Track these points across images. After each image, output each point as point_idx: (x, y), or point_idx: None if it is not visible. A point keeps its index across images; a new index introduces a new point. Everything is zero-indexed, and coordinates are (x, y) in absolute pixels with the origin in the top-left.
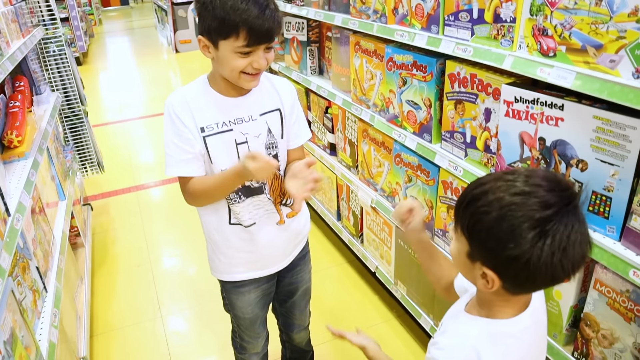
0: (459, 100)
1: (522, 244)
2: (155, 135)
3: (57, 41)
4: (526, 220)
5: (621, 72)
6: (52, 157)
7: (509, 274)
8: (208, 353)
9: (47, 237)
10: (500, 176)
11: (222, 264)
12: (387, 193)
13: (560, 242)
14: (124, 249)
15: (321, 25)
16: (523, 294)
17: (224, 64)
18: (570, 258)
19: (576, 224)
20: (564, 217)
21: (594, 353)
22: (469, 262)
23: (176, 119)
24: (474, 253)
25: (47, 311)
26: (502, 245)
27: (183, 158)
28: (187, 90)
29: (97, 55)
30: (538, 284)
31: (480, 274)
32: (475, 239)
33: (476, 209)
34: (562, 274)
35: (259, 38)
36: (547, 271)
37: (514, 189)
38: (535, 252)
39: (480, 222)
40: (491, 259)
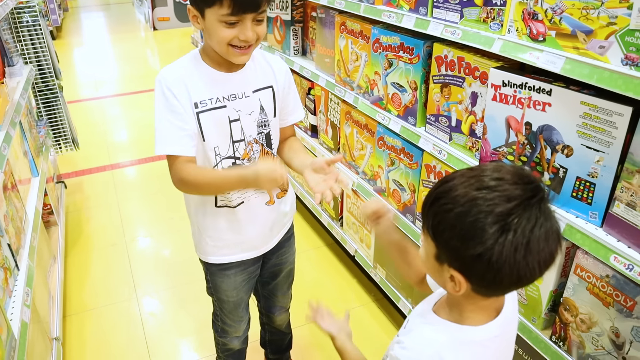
0: (445, 84)
1: (484, 240)
2: (132, 114)
3: (31, 11)
4: (488, 215)
5: (610, 59)
6: (25, 131)
7: (476, 275)
8: (184, 334)
9: (19, 214)
10: (465, 172)
11: (209, 246)
12: (368, 176)
13: (522, 237)
14: (98, 228)
15: (306, 5)
16: (493, 296)
17: (212, 35)
18: (535, 254)
19: (541, 218)
20: (526, 210)
21: (572, 337)
22: (437, 265)
23: (169, 93)
24: (441, 254)
25: (19, 290)
26: (465, 244)
27: (176, 135)
28: (180, 64)
29: (71, 30)
30: (505, 284)
31: (449, 277)
32: (440, 239)
33: (440, 207)
34: (527, 272)
35: (243, 6)
36: (511, 269)
37: (478, 184)
38: (498, 249)
39: (443, 221)
40: (456, 259)
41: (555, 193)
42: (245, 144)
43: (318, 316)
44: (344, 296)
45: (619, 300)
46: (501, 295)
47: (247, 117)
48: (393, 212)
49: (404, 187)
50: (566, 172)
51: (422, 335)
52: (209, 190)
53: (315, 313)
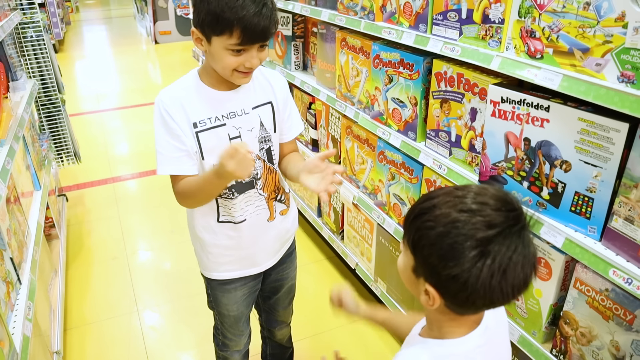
0: (445, 99)
1: (462, 263)
2: (133, 127)
3: (35, 26)
4: (468, 238)
5: (607, 76)
6: (28, 145)
7: (449, 293)
8: (185, 348)
9: (21, 227)
10: (450, 191)
11: (210, 262)
12: (369, 190)
13: (500, 264)
14: (99, 241)
15: (307, 21)
16: (467, 314)
17: (216, 60)
18: (510, 281)
19: (520, 247)
20: (507, 238)
21: (572, 350)
22: (414, 277)
23: (166, 115)
24: (418, 268)
25: (21, 304)
26: (443, 263)
27: (174, 156)
28: (178, 85)
29: (73, 43)
30: (478, 305)
31: (423, 290)
32: (419, 253)
33: (422, 223)
34: (500, 297)
35: (253, 37)
36: (485, 293)
37: (461, 206)
38: (475, 273)
39: (424, 237)
40: (432, 276)
41: (554, 207)
42: None
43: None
44: None
45: (619, 313)
46: (473, 314)
47: (247, 134)
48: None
49: (405, 201)
50: (565, 187)
51: (405, 355)
52: (201, 194)
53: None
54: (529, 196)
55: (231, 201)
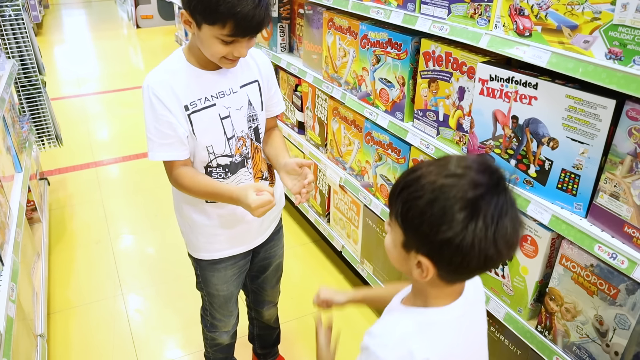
0: (433, 79)
1: (454, 225)
2: (115, 111)
3: (14, 5)
4: (457, 200)
5: (594, 53)
6: (8, 126)
7: (444, 260)
8: (171, 331)
9: (3, 209)
10: (433, 162)
11: (200, 243)
12: (356, 172)
13: (491, 220)
14: (82, 225)
15: (293, 2)
16: (458, 281)
17: (205, 46)
18: (502, 236)
19: (507, 204)
20: (494, 196)
21: (557, 326)
22: (404, 253)
23: (156, 100)
24: (409, 241)
25: (4, 285)
26: (435, 229)
27: (165, 142)
28: (165, 68)
29: (52, 27)
30: (472, 268)
31: (416, 264)
32: (408, 226)
33: (409, 194)
34: (495, 255)
35: (246, 31)
36: (480, 252)
37: (446, 172)
38: (468, 232)
39: (413, 208)
40: (425, 245)
41: (541, 185)
42: (236, 140)
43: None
44: None
45: (603, 288)
46: (466, 279)
47: (237, 113)
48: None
49: (392, 182)
50: (552, 165)
51: (388, 321)
52: (203, 196)
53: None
54: (516, 174)
55: (223, 181)
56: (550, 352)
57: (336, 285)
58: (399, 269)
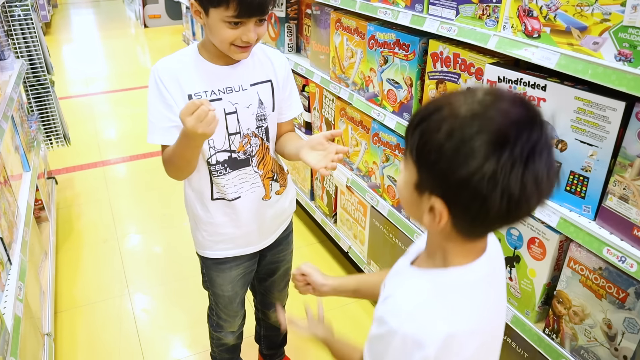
0: (441, 80)
1: (475, 157)
2: (123, 111)
3: (23, 5)
4: (482, 130)
5: (604, 55)
6: (17, 126)
7: (460, 204)
8: (177, 330)
9: (11, 208)
10: (457, 92)
11: (205, 240)
12: (363, 172)
13: (520, 155)
14: (89, 224)
15: (300, 2)
16: (475, 235)
17: (214, 33)
18: (533, 177)
19: (542, 139)
20: (526, 128)
21: (565, 329)
22: (416, 195)
23: (160, 84)
24: (422, 181)
25: (11, 284)
26: (453, 164)
27: (165, 126)
28: (175, 57)
29: (61, 26)
30: (492, 217)
31: (428, 208)
32: (423, 162)
33: (427, 126)
34: (522, 198)
35: (249, 10)
36: (503, 193)
37: (472, 99)
38: (490, 166)
39: (431, 140)
40: (441, 185)
41: None
42: (241, 137)
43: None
44: None
45: (612, 292)
46: (485, 233)
47: (244, 110)
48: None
49: None
50: (560, 167)
51: (404, 287)
52: (176, 159)
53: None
54: None
55: (223, 177)
56: (558, 355)
57: None
58: (408, 213)
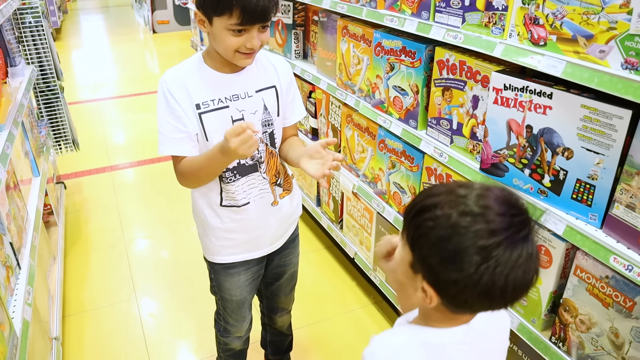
0: (447, 87)
1: (464, 268)
2: (131, 116)
3: (34, 12)
4: (471, 245)
5: (610, 63)
6: (27, 131)
7: (447, 295)
8: (184, 336)
9: (21, 213)
10: (453, 189)
11: (214, 246)
12: (369, 179)
13: (503, 271)
14: (97, 229)
15: (307, 9)
16: (462, 314)
17: (218, 41)
18: (512, 288)
19: (524, 253)
20: (510, 245)
21: (572, 338)
22: (411, 273)
23: (170, 96)
24: (416, 265)
25: (20, 288)
26: (443, 266)
27: (176, 137)
28: (182, 67)
29: (70, 32)
30: (475, 308)
31: (421, 287)
32: (417, 252)
33: (422, 221)
34: (501, 302)
35: (252, 17)
36: (485, 298)
37: (463, 207)
38: (475, 278)
39: (424, 237)
40: (431, 276)
41: (555, 195)
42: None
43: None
44: (344, 298)
45: (619, 300)
46: (470, 314)
47: (251, 117)
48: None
49: (405, 189)
50: (566, 175)
51: (383, 335)
52: (203, 172)
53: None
54: (530, 184)
55: (233, 184)
56: None
57: (348, 292)
58: (402, 281)
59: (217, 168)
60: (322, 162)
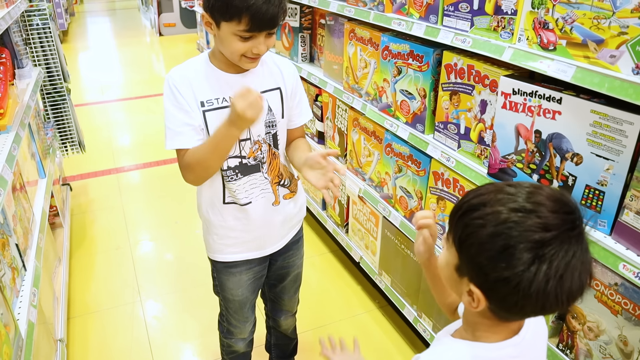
0: (455, 91)
1: (515, 265)
2: (137, 118)
3: (41, 14)
4: (523, 240)
5: (621, 68)
6: (34, 133)
7: (497, 296)
8: (188, 338)
9: (27, 214)
10: (502, 188)
11: (216, 244)
12: (375, 183)
13: (557, 270)
14: (103, 231)
15: (314, 12)
16: (511, 320)
17: (225, 45)
18: (567, 289)
19: (578, 252)
20: (565, 242)
21: (579, 345)
22: (457, 276)
23: (175, 90)
24: (463, 267)
25: (26, 290)
26: (492, 264)
27: (183, 130)
28: (188, 65)
29: (77, 34)
30: (527, 311)
31: (467, 291)
32: (465, 252)
33: (471, 220)
34: (554, 304)
35: (261, 25)
36: (538, 299)
37: (514, 204)
38: (528, 277)
39: (472, 236)
40: (479, 277)
41: None
42: (251, 143)
43: (329, 352)
44: (349, 303)
45: (628, 308)
46: (519, 319)
47: None
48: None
49: (411, 194)
50: (575, 180)
51: (435, 351)
52: (209, 156)
53: (326, 349)
54: None
55: (235, 182)
56: None
57: (354, 296)
58: (449, 288)
59: (225, 147)
60: (322, 173)
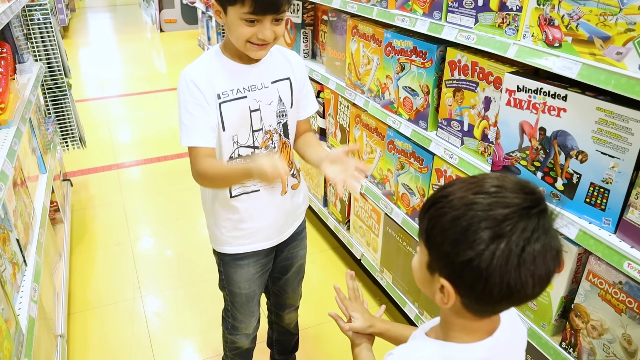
0: (458, 88)
1: (477, 244)
2: (138, 114)
3: (42, 9)
4: (482, 219)
5: (628, 65)
6: (34, 128)
7: (465, 284)
8: (189, 334)
9: (27, 209)
10: (466, 179)
11: (224, 236)
12: (377, 180)
13: (515, 246)
14: (103, 226)
15: (316, 8)
16: (484, 314)
17: (232, 31)
18: (529, 267)
19: (538, 231)
20: (523, 219)
21: (583, 344)
22: (428, 275)
23: (192, 86)
24: (432, 262)
25: (26, 285)
26: (456, 248)
27: (199, 127)
28: (201, 61)
29: (78, 30)
30: (495, 297)
31: (439, 287)
32: (432, 243)
33: (435, 211)
34: (519, 285)
35: (263, 7)
36: (501, 279)
37: (477, 189)
38: (487, 254)
39: (437, 225)
40: (447, 266)
41: (568, 198)
42: (263, 133)
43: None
44: None
45: (632, 307)
46: (491, 313)
47: (266, 107)
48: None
49: (414, 191)
50: (580, 178)
51: (407, 347)
52: (221, 182)
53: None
54: (543, 187)
55: None
56: None
57: None
58: (424, 292)
59: (233, 181)
60: (343, 169)
